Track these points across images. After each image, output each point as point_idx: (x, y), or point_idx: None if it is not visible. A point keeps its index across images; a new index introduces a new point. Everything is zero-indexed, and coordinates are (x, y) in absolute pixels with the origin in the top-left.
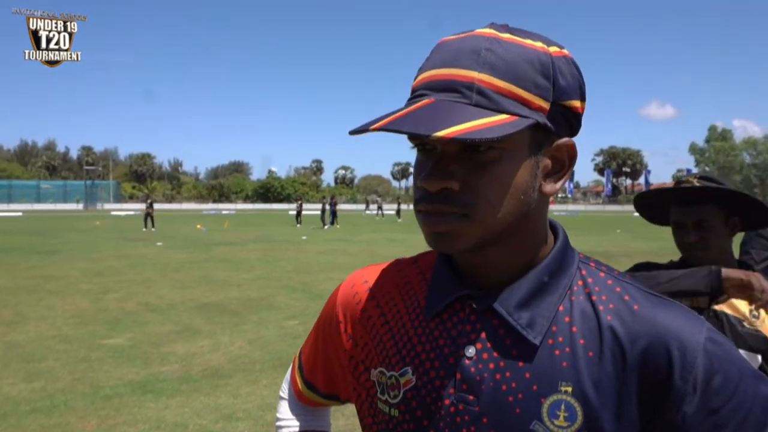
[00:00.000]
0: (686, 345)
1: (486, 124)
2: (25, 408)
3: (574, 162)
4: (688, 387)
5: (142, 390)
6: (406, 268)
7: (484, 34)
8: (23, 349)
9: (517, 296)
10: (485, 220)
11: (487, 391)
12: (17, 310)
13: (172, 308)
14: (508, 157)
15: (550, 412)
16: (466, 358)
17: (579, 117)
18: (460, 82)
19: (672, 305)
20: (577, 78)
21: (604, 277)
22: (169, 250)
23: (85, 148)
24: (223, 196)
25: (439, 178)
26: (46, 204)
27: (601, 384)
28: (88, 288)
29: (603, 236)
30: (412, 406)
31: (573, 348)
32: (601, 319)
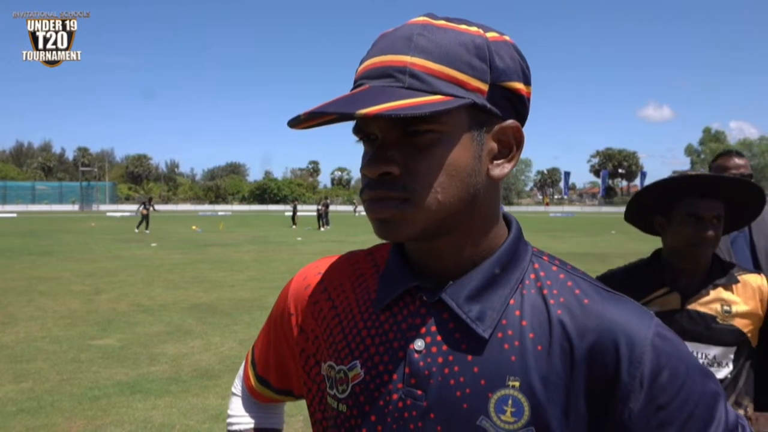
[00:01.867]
0: (634, 340)
1: (418, 101)
2: (11, 409)
3: (522, 145)
4: (635, 383)
5: (131, 390)
6: (360, 260)
7: (418, 22)
8: (11, 350)
9: (467, 288)
10: (428, 204)
11: (435, 385)
12: (7, 311)
13: (164, 309)
14: (448, 139)
15: (497, 407)
16: (415, 351)
17: (524, 100)
18: (393, 68)
19: (622, 300)
20: (519, 61)
21: (556, 270)
22: (164, 251)
23: (81, 149)
24: (220, 197)
25: (379, 162)
26: (41, 205)
27: (549, 379)
28: (79, 289)
29: (598, 237)
30: (360, 401)
31: (522, 342)
32: (552, 313)
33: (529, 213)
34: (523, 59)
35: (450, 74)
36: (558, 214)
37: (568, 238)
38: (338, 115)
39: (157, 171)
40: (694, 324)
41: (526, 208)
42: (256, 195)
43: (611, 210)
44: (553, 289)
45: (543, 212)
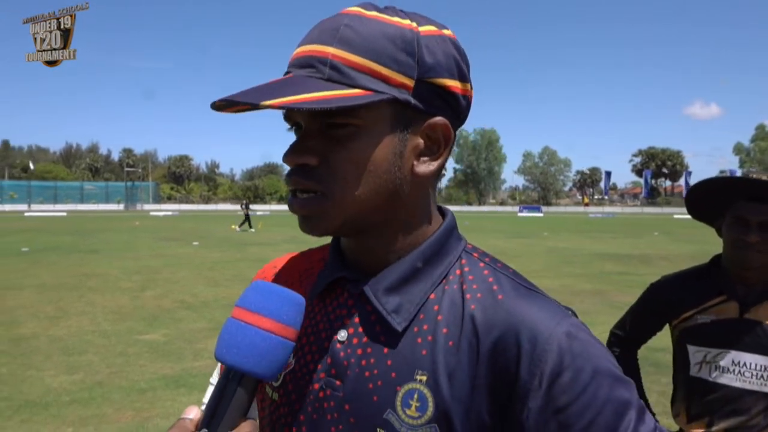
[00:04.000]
0: (537, 337)
1: (329, 95)
2: (65, 399)
3: (451, 142)
4: (535, 381)
5: (176, 384)
6: (312, 254)
7: (350, 12)
8: (65, 343)
9: (387, 280)
10: (343, 199)
11: (352, 376)
12: (59, 306)
13: (206, 306)
14: (367, 133)
15: (403, 401)
16: (338, 341)
17: (457, 97)
18: (315, 57)
19: (538, 297)
20: (454, 58)
21: (482, 267)
22: (204, 250)
23: (126, 150)
24: (258, 197)
25: (296, 153)
26: (89, 204)
27: (454, 374)
28: (126, 286)
29: (640, 239)
30: (288, 389)
31: (435, 337)
32: (466, 307)
33: (568, 213)
34: (461, 55)
35: (372, 68)
36: (598, 214)
37: (608, 239)
38: (246, 105)
39: (198, 171)
40: (753, 335)
41: (564, 208)
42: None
43: (654, 211)
44: (473, 285)
45: (582, 213)
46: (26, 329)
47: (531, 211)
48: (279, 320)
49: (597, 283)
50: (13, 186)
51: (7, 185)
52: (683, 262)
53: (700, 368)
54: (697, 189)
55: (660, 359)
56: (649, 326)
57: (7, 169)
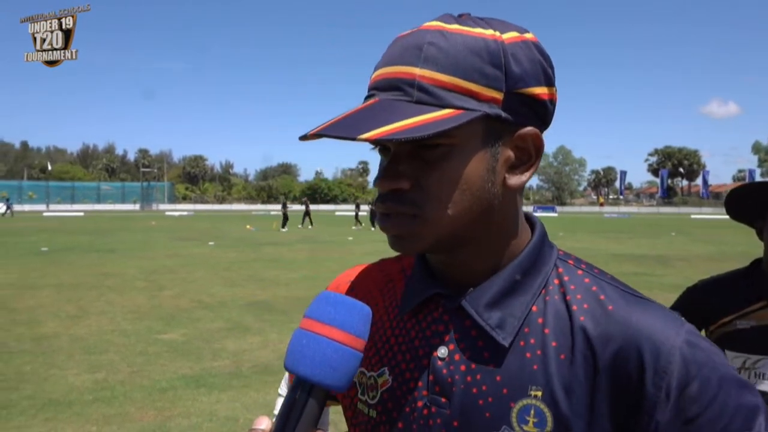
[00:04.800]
0: (660, 348)
1: (422, 121)
2: (88, 397)
3: (542, 152)
4: (661, 394)
5: (196, 384)
6: (389, 266)
7: (431, 28)
8: (86, 342)
9: (487, 295)
10: (437, 219)
11: (458, 393)
12: (79, 305)
13: (223, 306)
14: (459, 152)
15: (519, 417)
16: (438, 359)
17: (545, 104)
18: (402, 80)
19: (650, 305)
20: (539, 63)
21: (581, 275)
22: (220, 250)
23: (142, 150)
24: (272, 197)
25: (389, 178)
26: (105, 204)
27: (572, 389)
28: (144, 285)
29: (657, 239)
30: (388, 407)
31: (544, 350)
32: (574, 319)
33: (583, 213)
34: (546, 59)
35: (461, 85)
36: (613, 214)
37: (624, 240)
38: (342, 138)
39: (212, 171)
40: None
41: (579, 208)
42: (308, 195)
43: (671, 211)
44: (576, 295)
45: (597, 213)
46: (47, 328)
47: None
48: (349, 331)
49: None
50: (32, 186)
51: (27, 185)
52: (702, 263)
53: (739, 374)
54: (738, 191)
55: None
56: None
57: (26, 170)
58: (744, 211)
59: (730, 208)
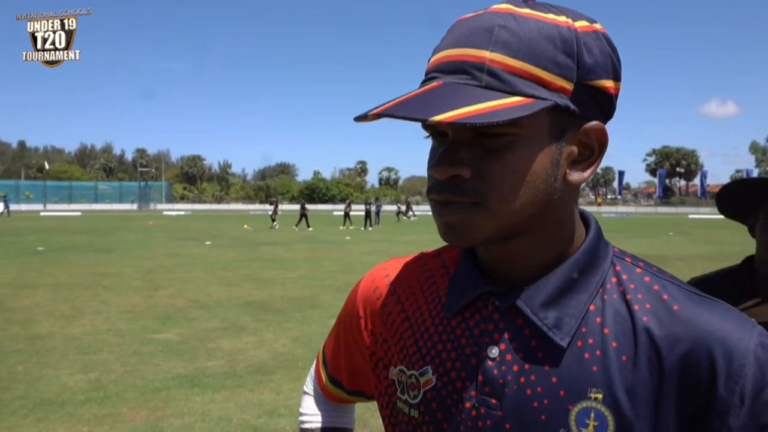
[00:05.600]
0: (733, 351)
1: (494, 107)
2: (80, 397)
3: (605, 148)
4: (735, 398)
5: (190, 384)
6: (428, 262)
7: (501, 11)
8: (79, 342)
9: (543, 294)
10: (498, 210)
11: (511, 394)
12: (75, 305)
13: (219, 305)
14: (525, 143)
15: (578, 420)
16: (488, 359)
17: (612, 98)
18: (470, 63)
19: (717, 305)
20: (609, 55)
21: (640, 273)
22: (218, 250)
23: (140, 150)
24: (270, 197)
25: (449, 165)
26: (103, 204)
27: (635, 391)
28: (140, 285)
29: (655, 239)
30: (432, 407)
31: (604, 351)
32: (636, 320)
33: None
34: (615, 51)
35: (532, 72)
36: (611, 214)
37: (623, 240)
38: (407, 119)
39: (210, 171)
40: None
41: None
42: (305, 194)
43: (669, 211)
44: (637, 294)
45: (595, 213)
46: (42, 328)
47: None
48: None
49: None
50: (29, 186)
51: (24, 185)
52: (699, 263)
53: None
54: (728, 188)
55: None
56: None
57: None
58: (736, 209)
59: (721, 205)
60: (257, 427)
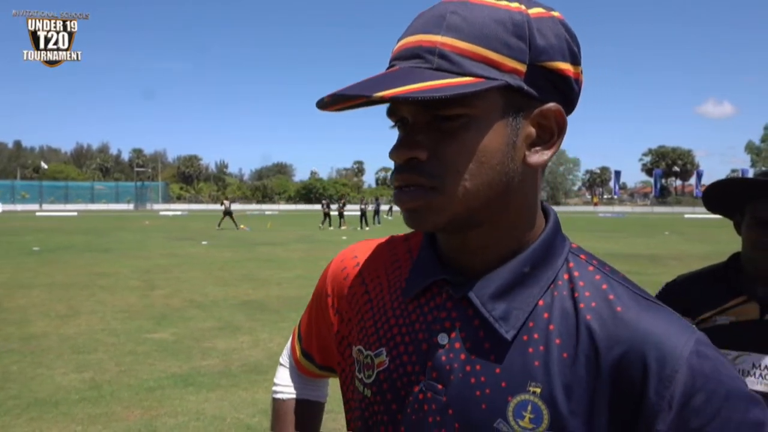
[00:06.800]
0: (666, 356)
1: (441, 84)
2: (74, 397)
3: (564, 131)
4: (664, 403)
5: (184, 383)
6: (397, 246)
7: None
8: (74, 341)
9: (493, 286)
10: (456, 191)
11: (456, 382)
12: (70, 305)
13: (215, 305)
14: (479, 123)
15: (515, 411)
16: (438, 345)
17: (570, 82)
18: (423, 48)
19: (660, 310)
20: (565, 39)
21: (592, 271)
22: (214, 249)
23: (136, 150)
24: (267, 196)
25: (406, 147)
26: (99, 204)
27: (572, 388)
28: (136, 285)
29: (650, 238)
30: (383, 387)
31: (547, 347)
32: (580, 318)
33: (578, 213)
34: (572, 36)
35: (483, 54)
36: (608, 214)
37: (618, 239)
38: (359, 97)
39: (207, 171)
40: None
41: (574, 208)
42: (302, 194)
43: (665, 210)
44: (585, 292)
45: (592, 212)
46: (37, 328)
47: None
48: None
49: None
50: (25, 186)
51: (20, 185)
52: (695, 262)
53: None
54: (714, 188)
55: None
56: None
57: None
58: (722, 204)
59: (708, 202)
60: (251, 426)
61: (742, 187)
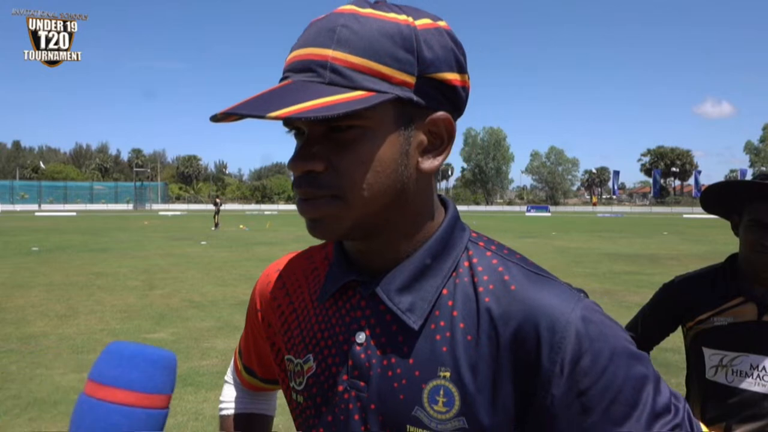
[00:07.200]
0: (555, 324)
1: (334, 101)
2: (73, 397)
3: (453, 136)
4: (556, 368)
5: (183, 383)
6: (314, 254)
7: (345, 11)
8: (74, 341)
9: (398, 280)
10: (354, 200)
11: (375, 377)
12: (69, 305)
13: (213, 305)
14: (373, 134)
15: (430, 397)
16: (357, 344)
17: (457, 90)
18: (315, 61)
19: (549, 283)
20: (452, 50)
21: (490, 256)
22: (213, 249)
23: (135, 150)
24: (266, 197)
25: (302, 160)
26: (98, 204)
27: (477, 368)
28: (135, 285)
29: (649, 238)
30: (313, 392)
31: (453, 332)
32: (480, 301)
33: (576, 213)
34: (458, 46)
35: (373, 68)
36: (606, 214)
37: (617, 239)
38: (252, 117)
39: (206, 171)
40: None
41: (573, 208)
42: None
43: (663, 210)
44: (483, 276)
45: (590, 212)
46: (36, 328)
47: (539, 210)
48: (141, 390)
49: (606, 283)
50: (24, 186)
51: (18, 185)
52: (693, 262)
53: (716, 372)
54: (712, 190)
55: (669, 359)
56: (663, 328)
57: (18, 170)
58: (720, 205)
59: (706, 203)
60: None
61: (741, 189)
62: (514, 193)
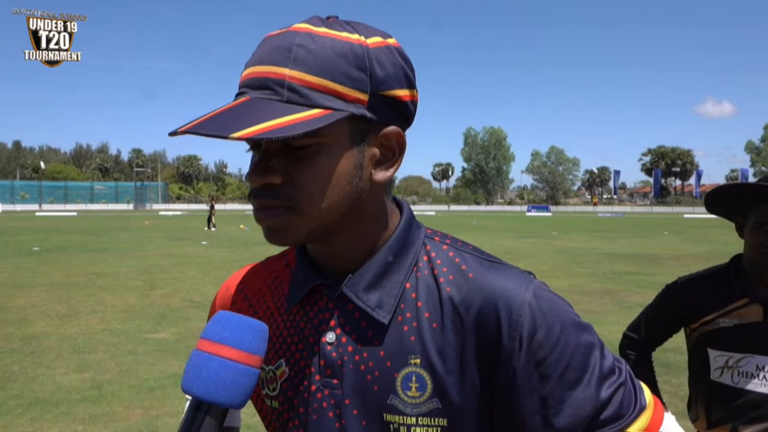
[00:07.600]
0: (512, 304)
1: (293, 120)
2: (75, 397)
3: (404, 149)
4: (515, 344)
5: None
6: (274, 264)
7: (300, 30)
8: (75, 341)
9: (364, 279)
10: (310, 212)
11: (348, 373)
12: (70, 305)
13: None
14: (329, 150)
15: (403, 384)
16: (327, 344)
17: (407, 105)
18: (272, 80)
19: (502, 267)
20: (401, 67)
21: (446, 249)
22: (213, 249)
23: (136, 150)
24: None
25: (260, 174)
26: (99, 204)
27: (444, 352)
28: (135, 284)
29: (649, 239)
30: (288, 395)
31: (419, 322)
32: (442, 291)
33: (577, 213)
34: (407, 62)
35: (328, 87)
36: (607, 214)
37: (618, 239)
38: (214, 137)
39: (207, 171)
40: None
41: (573, 207)
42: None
43: (664, 210)
44: (443, 268)
45: (591, 212)
46: (37, 328)
47: (539, 210)
48: (243, 348)
49: (607, 283)
50: (25, 186)
51: (19, 185)
52: (694, 263)
53: (721, 373)
54: (717, 191)
55: (671, 359)
56: (666, 329)
57: (18, 170)
58: (724, 207)
59: (710, 204)
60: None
61: (747, 191)
62: (515, 192)
